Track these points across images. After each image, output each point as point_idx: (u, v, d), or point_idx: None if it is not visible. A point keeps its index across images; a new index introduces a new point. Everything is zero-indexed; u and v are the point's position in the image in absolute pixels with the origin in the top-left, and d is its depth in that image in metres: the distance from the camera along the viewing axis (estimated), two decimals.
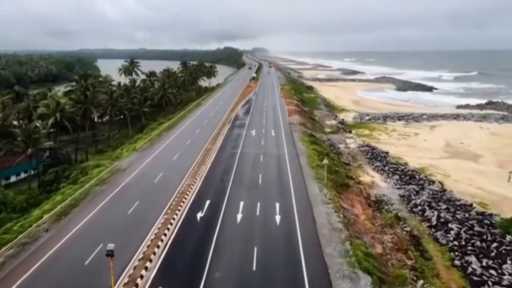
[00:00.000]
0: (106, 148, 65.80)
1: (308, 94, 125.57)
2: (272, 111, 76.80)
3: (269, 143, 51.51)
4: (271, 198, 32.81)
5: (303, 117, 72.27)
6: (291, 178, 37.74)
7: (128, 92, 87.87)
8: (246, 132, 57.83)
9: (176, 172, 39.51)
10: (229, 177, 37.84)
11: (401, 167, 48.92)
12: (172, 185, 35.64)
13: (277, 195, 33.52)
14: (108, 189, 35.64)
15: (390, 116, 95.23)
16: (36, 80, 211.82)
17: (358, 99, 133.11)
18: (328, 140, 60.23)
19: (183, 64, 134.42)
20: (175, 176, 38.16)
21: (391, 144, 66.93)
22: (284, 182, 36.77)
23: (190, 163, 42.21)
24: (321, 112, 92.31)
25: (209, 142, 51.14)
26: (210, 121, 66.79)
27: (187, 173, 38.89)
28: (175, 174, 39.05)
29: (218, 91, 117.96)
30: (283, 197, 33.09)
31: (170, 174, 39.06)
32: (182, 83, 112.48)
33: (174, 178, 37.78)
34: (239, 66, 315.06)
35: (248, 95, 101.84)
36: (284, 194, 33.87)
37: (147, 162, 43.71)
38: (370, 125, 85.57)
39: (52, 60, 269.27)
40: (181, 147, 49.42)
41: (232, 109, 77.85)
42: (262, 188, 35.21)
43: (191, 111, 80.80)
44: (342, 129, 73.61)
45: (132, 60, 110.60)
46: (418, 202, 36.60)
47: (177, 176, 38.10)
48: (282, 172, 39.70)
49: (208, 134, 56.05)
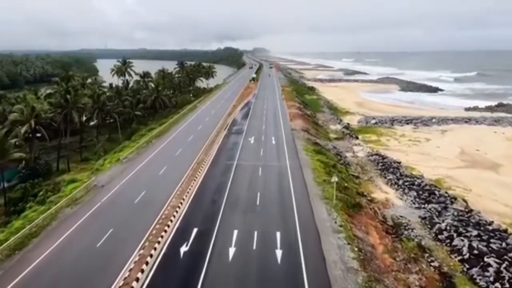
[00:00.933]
0: (92, 156, 60.50)
1: (310, 96, 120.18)
2: (272, 115, 71.42)
3: (269, 153, 46.13)
4: (271, 226, 27.45)
5: (306, 122, 66.87)
6: (294, 198, 32.37)
7: (120, 94, 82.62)
8: (244, 139, 52.45)
9: (161, 190, 34.18)
10: (222, 197, 32.47)
11: (417, 180, 43.51)
12: (154, 208, 30.29)
13: (278, 222, 28.15)
14: (79, 212, 30.28)
15: (397, 120, 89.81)
16: (32, 81, 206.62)
17: (362, 101, 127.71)
18: (334, 148, 54.82)
19: (180, 65, 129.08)
20: (160, 195, 32.83)
21: (402, 151, 61.52)
22: (286, 203, 31.39)
23: (178, 178, 36.85)
24: (325, 116, 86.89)
25: (202, 152, 45.77)
26: (205, 127, 61.41)
27: (174, 192, 33.53)
28: (159, 192, 33.72)
29: (216, 92, 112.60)
30: (285, 224, 27.73)
31: (154, 193, 33.72)
32: (178, 85, 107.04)
33: (158, 197, 32.44)
34: (239, 66, 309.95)
35: (247, 97, 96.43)
36: (287, 219, 28.51)
37: (129, 176, 38.35)
38: (377, 130, 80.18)
39: (48, 60, 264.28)
40: (170, 159, 44.06)
41: (230, 113, 72.48)
42: (261, 211, 29.83)
43: (185, 115, 75.43)
44: (348, 134, 68.20)
45: (125, 60, 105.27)
46: (443, 227, 31.19)
47: (162, 195, 32.78)
48: (284, 190, 34.33)
49: (202, 142, 50.67)
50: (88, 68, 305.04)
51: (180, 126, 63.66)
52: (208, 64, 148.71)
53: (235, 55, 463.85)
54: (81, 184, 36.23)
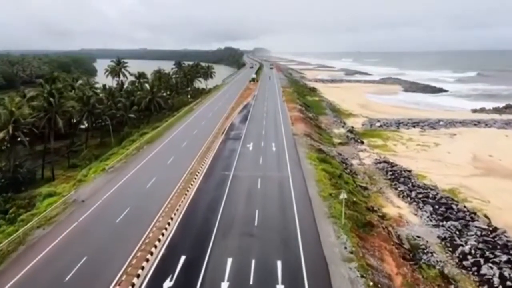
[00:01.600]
0: (80, 162, 56.69)
1: (311, 97, 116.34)
2: (273, 119, 67.50)
3: (269, 161, 42.28)
4: (271, 253, 23.63)
5: (308, 126, 63.04)
6: (297, 217, 28.54)
7: (113, 96, 78.83)
8: (242, 146, 48.59)
9: (147, 207, 30.37)
10: (215, 216, 28.62)
11: (431, 192, 39.69)
12: (138, 229, 26.48)
13: (280, 248, 24.32)
14: (51, 234, 26.44)
15: (403, 123, 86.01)
16: (28, 81, 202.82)
17: (365, 102, 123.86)
18: (338, 155, 50.99)
19: (177, 65, 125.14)
20: (145, 213, 29.02)
21: (411, 158, 57.67)
22: (289, 224, 27.55)
23: (168, 192, 33.04)
24: (328, 119, 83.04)
25: (196, 161, 41.93)
26: (201, 132, 57.57)
27: (161, 209, 29.72)
28: (145, 209, 29.91)
29: (214, 94, 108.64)
30: (287, 251, 23.92)
31: (139, 210, 29.91)
32: (175, 86, 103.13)
33: (143, 216, 28.62)
34: (240, 67, 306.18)
35: (247, 98, 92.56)
36: (289, 245, 24.68)
37: (114, 189, 34.52)
38: (382, 133, 76.33)
39: (46, 60, 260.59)
40: (160, 168, 40.21)
41: (227, 116, 68.63)
42: (259, 234, 25.98)
43: (181, 118, 71.54)
44: (353, 139, 64.34)
45: (119, 60, 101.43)
46: (467, 250, 27.37)
47: (148, 213, 28.98)
48: (286, 206, 30.48)
49: (196, 149, 46.84)
50: (87, 68, 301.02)
51: (174, 131, 59.82)
52: (207, 64, 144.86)
53: (235, 55, 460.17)
54: (59, 198, 32.40)
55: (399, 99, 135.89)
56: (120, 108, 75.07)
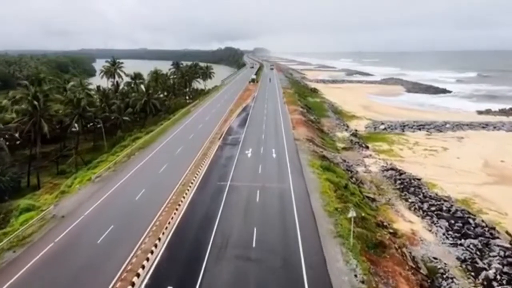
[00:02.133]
0: (69, 168, 53.72)
1: (313, 98, 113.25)
2: (273, 122, 64.35)
3: (268, 170, 39.17)
4: (270, 283, 20.57)
5: (310, 130, 59.92)
6: (300, 236, 25.47)
7: (107, 97, 75.78)
8: (240, 152, 45.47)
9: (133, 224, 27.34)
10: (208, 236, 25.54)
11: (444, 204, 36.59)
12: (121, 252, 23.46)
13: (281, 275, 21.24)
14: (21, 259, 23.36)
15: (408, 125, 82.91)
16: None
17: (368, 104, 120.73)
18: (343, 162, 47.89)
19: (175, 65, 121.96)
20: (130, 232, 26.01)
21: (419, 164, 54.56)
22: (291, 244, 24.46)
23: (158, 206, 29.99)
24: (330, 121, 79.94)
25: (190, 170, 38.86)
26: (197, 136, 54.46)
27: (149, 226, 26.68)
28: (131, 227, 26.89)
29: (213, 95, 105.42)
30: (289, 279, 20.86)
31: (125, 228, 26.87)
32: (172, 87, 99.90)
33: (127, 235, 25.59)
34: (240, 67, 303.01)
35: (246, 100, 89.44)
36: (291, 270, 21.60)
37: (99, 203, 31.45)
38: (387, 136, 73.26)
39: (44, 60, 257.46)
40: (151, 178, 37.13)
41: (226, 119, 65.51)
42: (257, 258, 22.88)
43: (177, 121, 68.41)
44: (357, 143, 61.23)
45: (114, 61, 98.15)
46: (491, 275, 24.31)
47: (134, 232, 25.98)
48: (287, 224, 27.39)
49: (191, 155, 43.77)
50: (86, 68, 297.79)
51: (169, 135, 56.74)
52: (205, 65, 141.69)
53: (235, 55, 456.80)
54: (37, 213, 29.33)
55: (402, 100, 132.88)
56: (114, 110, 72.06)
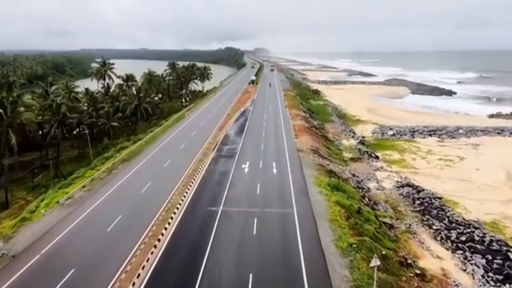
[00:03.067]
0: (46, 182, 48.35)
1: (315, 101, 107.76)
2: (273, 129, 58.88)
3: (269, 190, 33.70)
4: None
5: (314, 138, 54.44)
6: (307, 286, 20.06)
7: (94, 101, 70.44)
8: (236, 167, 39.98)
9: (100, 266, 21.96)
10: (192, 284, 20.12)
11: (475, 231, 31.15)
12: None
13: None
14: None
15: (418, 131, 77.43)
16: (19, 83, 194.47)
17: (373, 106, 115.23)
18: (352, 177, 42.43)
19: (171, 66, 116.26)
20: (94, 280, 20.59)
21: (435, 177, 49.08)
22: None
23: (133, 242, 24.55)
24: (335, 127, 74.45)
25: (178, 189, 33.45)
26: (189, 146, 49.03)
27: (117, 272, 21.25)
28: (97, 270, 21.50)
29: (210, 98, 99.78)
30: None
31: (90, 271, 21.46)
32: (166, 89, 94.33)
33: (90, 285, 20.18)
34: (240, 67, 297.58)
35: (245, 104, 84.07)
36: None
37: (63, 235, 26.01)
38: (396, 144, 67.79)
39: (40, 60, 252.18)
40: (131, 200, 31.68)
41: (222, 126, 60.08)
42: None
43: (169, 127, 62.92)
44: (366, 153, 55.74)
45: (105, 61, 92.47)
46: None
47: (100, 277, 20.59)
48: (291, 267, 21.91)
49: (180, 171, 38.34)
50: (84, 68, 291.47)
51: (158, 144, 51.30)
52: (203, 65, 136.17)
53: (235, 55, 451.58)
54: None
55: (408, 103, 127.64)
56: (101, 115, 66.72)
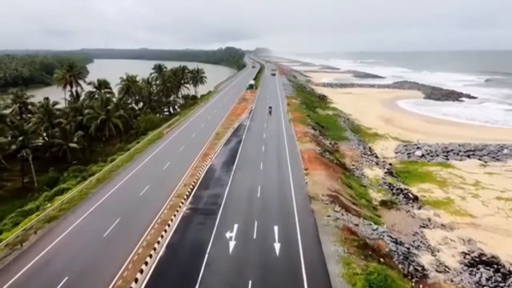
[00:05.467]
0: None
1: (323, 110, 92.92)
2: (275, 158, 43.77)
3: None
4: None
5: (331, 173, 39.54)
6: None
7: (49, 116, 56.16)
8: (216, 236, 25.19)
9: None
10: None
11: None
12: None
13: None
14: None
15: (453, 151, 62.77)
16: (2, 85, 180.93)
17: (388, 115, 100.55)
18: (394, 245, 27.65)
19: (157, 69, 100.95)
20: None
21: (506, 233, 34.42)
22: None
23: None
24: (351, 146, 59.64)
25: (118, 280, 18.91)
26: (153, 191, 34.20)
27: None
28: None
29: (197, 109, 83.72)
30: None
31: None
32: (147, 97, 78.73)
33: None
34: (240, 68, 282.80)
35: (240, 116, 69.42)
36: None
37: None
38: (431, 171, 53.12)
39: (27, 61, 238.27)
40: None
41: (206, 154, 45.29)
42: None
43: (137, 154, 47.84)
44: (400, 192, 40.91)
45: (71, 65, 77.33)
46: None
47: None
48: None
49: (124, 252, 23.73)
50: (78, 69, 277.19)
51: (112, 186, 36.29)
52: (196, 67, 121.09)
53: (235, 55, 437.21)
54: None
55: (426, 109, 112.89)
56: (55, 135, 52.42)
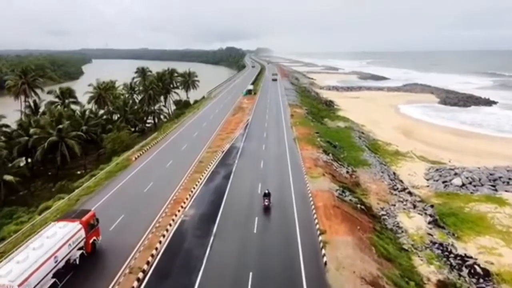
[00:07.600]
0: None
1: (333, 121, 79.55)
2: (277, 210, 30.52)
3: None
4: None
5: (360, 240, 26.34)
6: None
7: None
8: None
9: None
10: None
11: None
12: None
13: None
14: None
15: (501, 178, 49.67)
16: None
17: (406, 125, 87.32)
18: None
19: (140, 73, 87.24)
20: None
21: None
22: None
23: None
24: (374, 177, 46.29)
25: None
26: (102, 256, 21.44)
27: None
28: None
29: (183, 121, 70.00)
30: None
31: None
32: (122, 107, 64.85)
33: None
34: (240, 69, 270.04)
35: (233, 133, 56.35)
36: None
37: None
38: (482, 212, 39.96)
39: (14, 62, 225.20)
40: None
41: (179, 199, 32.13)
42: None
43: (83, 195, 34.93)
44: (462, 264, 27.76)
45: (24, 71, 63.37)
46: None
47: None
48: None
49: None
50: (68, 71, 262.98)
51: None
52: (188, 70, 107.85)
53: (236, 55, 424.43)
54: None
55: (447, 117, 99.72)
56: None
